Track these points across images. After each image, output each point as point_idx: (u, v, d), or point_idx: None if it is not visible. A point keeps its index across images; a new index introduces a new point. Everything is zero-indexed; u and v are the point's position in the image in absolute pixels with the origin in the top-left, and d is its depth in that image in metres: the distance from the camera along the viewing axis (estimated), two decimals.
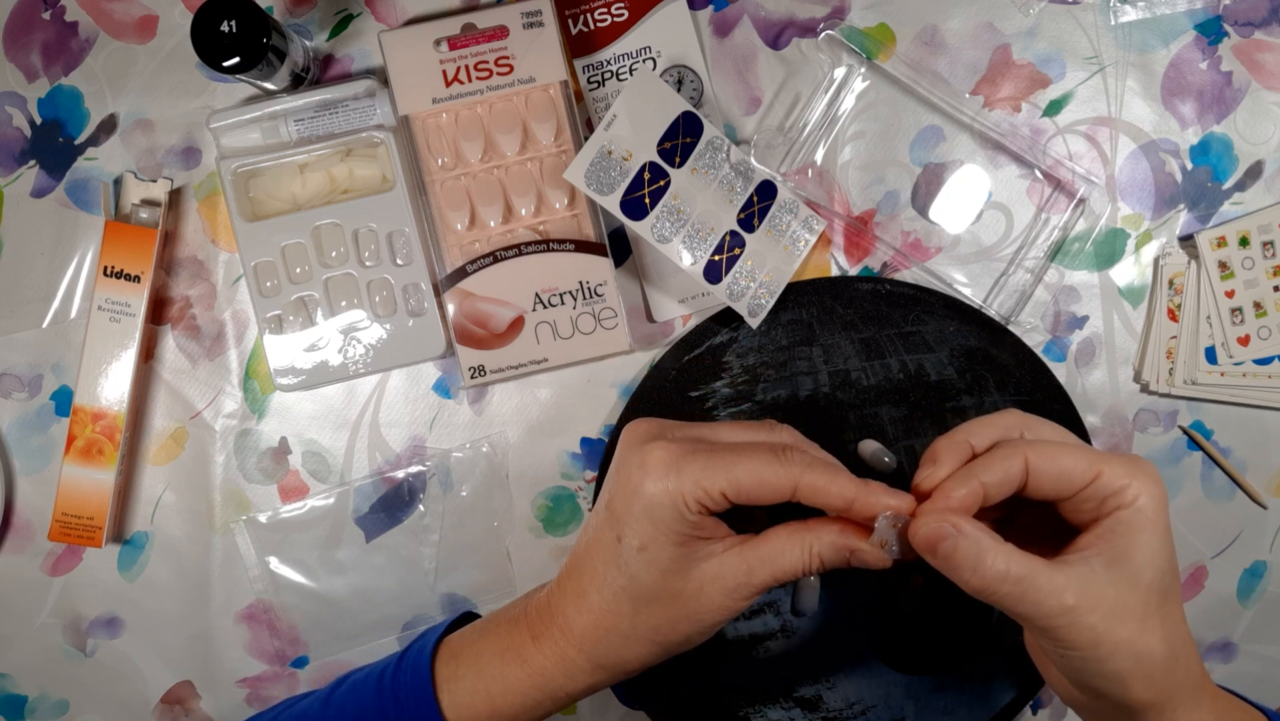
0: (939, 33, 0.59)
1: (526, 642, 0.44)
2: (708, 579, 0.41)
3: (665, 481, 0.40)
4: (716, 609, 0.41)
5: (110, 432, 0.58)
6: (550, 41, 0.57)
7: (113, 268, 0.57)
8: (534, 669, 0.43)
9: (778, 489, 0.40)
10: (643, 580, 0.41)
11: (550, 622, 0.44)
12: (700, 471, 0.40)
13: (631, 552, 0.41)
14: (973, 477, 0.38)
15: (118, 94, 0.59)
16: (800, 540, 0.41)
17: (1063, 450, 0.38)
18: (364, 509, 0.60)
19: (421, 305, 0.58)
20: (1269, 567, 0.60)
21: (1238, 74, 0.59)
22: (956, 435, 0.41)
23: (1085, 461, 0.38)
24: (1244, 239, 0.59)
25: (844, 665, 0.57)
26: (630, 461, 0.41)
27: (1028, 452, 0.38)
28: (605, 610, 0.42)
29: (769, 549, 0.41)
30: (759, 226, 0.57)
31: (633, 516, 0.41)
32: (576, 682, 0.43)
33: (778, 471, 0.40)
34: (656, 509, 0.40)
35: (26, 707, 0.61)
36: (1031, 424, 0.41)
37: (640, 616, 0.42)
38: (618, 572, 0.41)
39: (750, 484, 0.40)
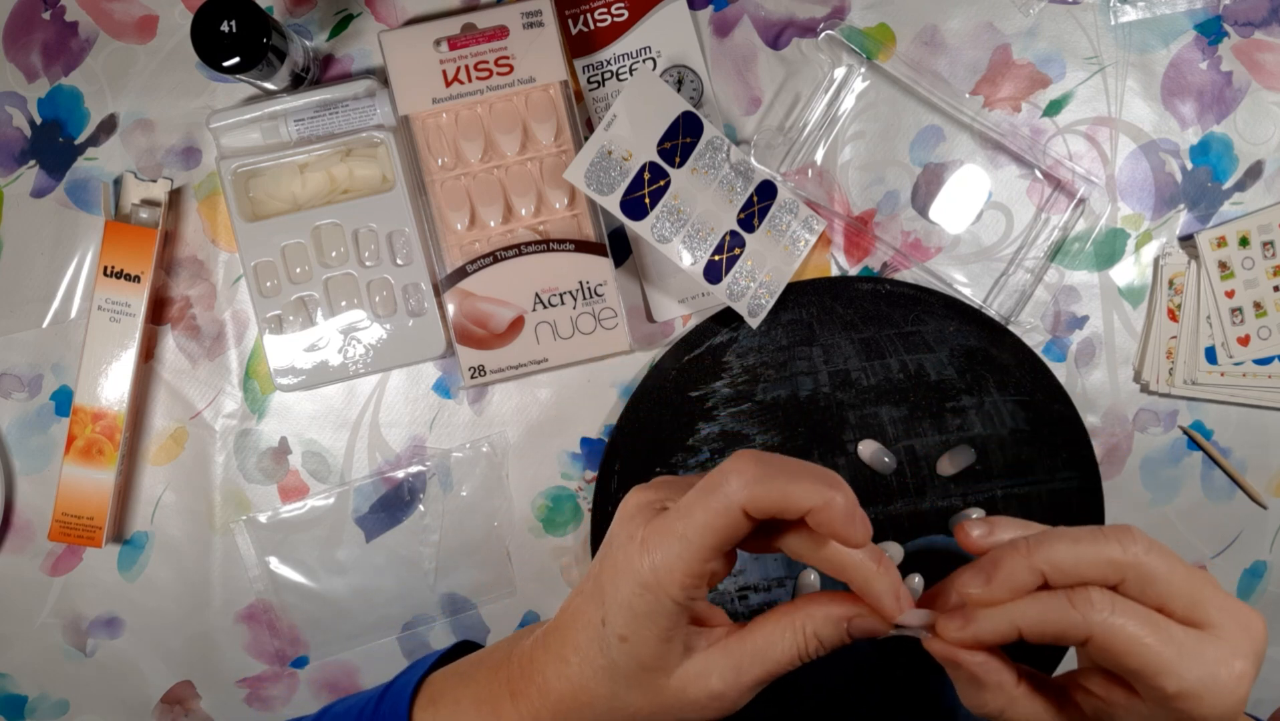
0: (939, 33, 0.59)
1: (504, 698, 0.40)
2: (690, 677, 0.37)
3: (644, 576, 0.35)
4: (700, 711, 0.37)
5: (110, 432, 0.58)
6: (550, 41, 0.57)
7: (113, 268, 0.57)
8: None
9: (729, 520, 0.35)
10: (622, 668, 0.37)
11: (530, 681, 0.40)
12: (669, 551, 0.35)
13: (613, 640, 0.37)
14: (1011, 626, 0.33)
15: (118, 94, 0.59)
16: (790, 623, 0.37)
17: (1143, 644, 0.32)
18: (364, 509, 0.60)
19: (421, 305, 0.58)
20: (1269, 567, 0.60)
21: (1238, 74, 0.59)
22: (1034, 549, 0.33)
23: (1164, 662, 0.32)
24: (1244, 239, 0.59)
25: (844, 665, 0.57)
26: (623, 536, 0.37)
27: (1099, 630, 0.32)
28: (583, 685, 0.38)
29: (757, 640, 0.37)
30: (759, 226, 0.57)
31: (617, 603, 0.36)
32: None
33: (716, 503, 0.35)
34: (643, 601, 0.36)
35: (26, 707, 0.61)
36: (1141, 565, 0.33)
37: (618, 701, 0.38)
38: (598, 653, 0.37)
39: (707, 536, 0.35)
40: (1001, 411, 0.58)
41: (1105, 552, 0.33)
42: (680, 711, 0.38)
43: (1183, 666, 0.32)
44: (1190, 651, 0.32)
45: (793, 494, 0.34)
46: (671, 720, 0.38)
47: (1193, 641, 0.32)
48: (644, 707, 0.38)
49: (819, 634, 0.37)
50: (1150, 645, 0.32)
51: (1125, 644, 0.32)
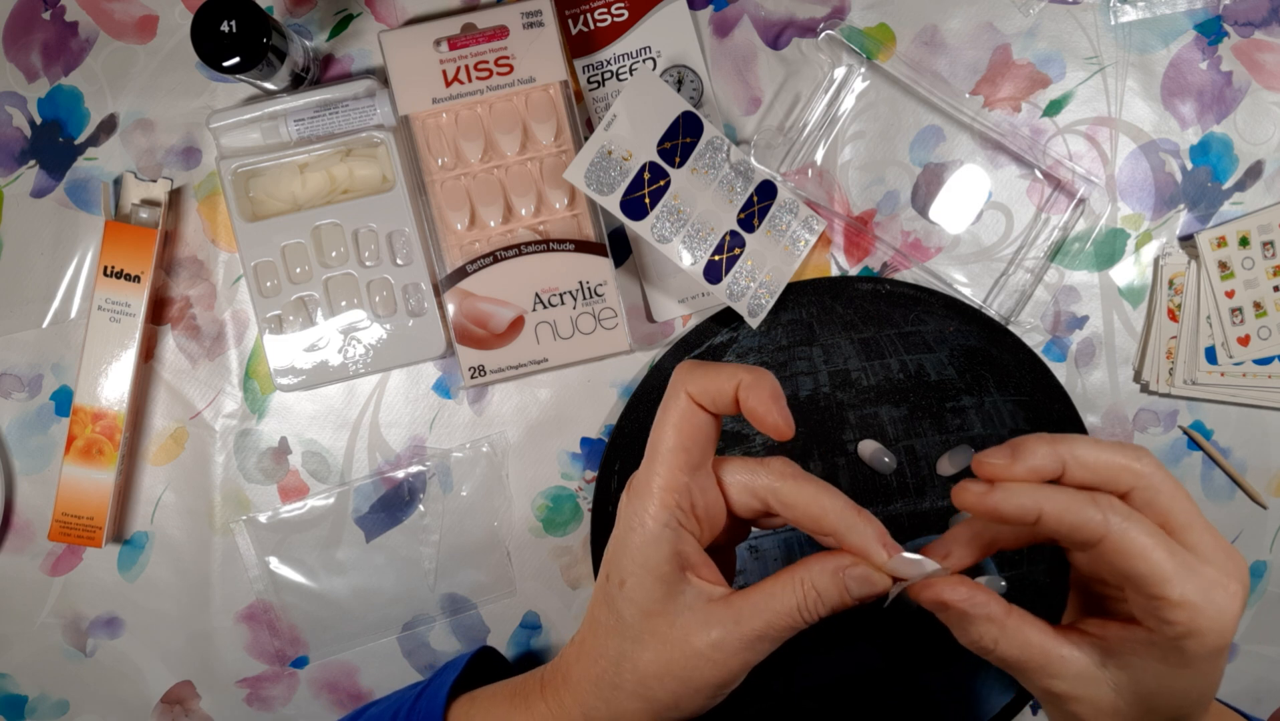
0: (939, 33, 0.59)
1: (534, 691, 0.43)
2: (693, 626, 0.38)
3: (633, 505, 0.38)
4: (703, 663, 0.38)
5: (110, 432, 0.58)
6: (550, 41, 0.57)
7: (113, 268, 0.57)
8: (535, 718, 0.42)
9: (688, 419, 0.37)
10: (627, 618, 0.38)
11: (555, 671, 0.42)
12: (650, 474, 0.38)
13: (615, 589, 0.39)
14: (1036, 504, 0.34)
15: (118, 94, 0.59)
16: (790, 576, 0.38)
17: (1150, 553, 0.33)
18: (364, 509, 0.60)
19: (421, 305, 0.58)
20: (1269, 567, 0.60)
21: (1238, 74, 0.59)
22: (1062, 444, 0.35)
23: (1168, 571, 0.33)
24: (1244, 239, 0.59)
25: (844, 665, 0.57)
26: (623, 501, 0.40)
27: (1113, 533, 0.33)
28: (596, 653, 0.40)
29: (758, 594, 0.38)
30: (759, 226, 0.57)
31: (617, 553, 0.39)
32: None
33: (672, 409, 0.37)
34: (635, 536, 0.38)
35: (26, 707, 0.61)
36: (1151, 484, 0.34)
37: (626, 662, 0.39)
38: (605, 611, 0.39)
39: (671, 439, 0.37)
40: (1001, 411, 0.58)
41: (1125, 459, 0.34)
42: (685, 665, 0.38)
43: (1185, 578, 0.33)
44: (1191, 566, 0.33)
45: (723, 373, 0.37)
46: (674, 685, 0.39)
47: (1192, 559, 0.33)
48: (650, 665, 0.39)
49: (817, 585, 0.37)
50: (1160, 554, 0.33)
51: (1137, 549, 0.33)
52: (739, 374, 0.37)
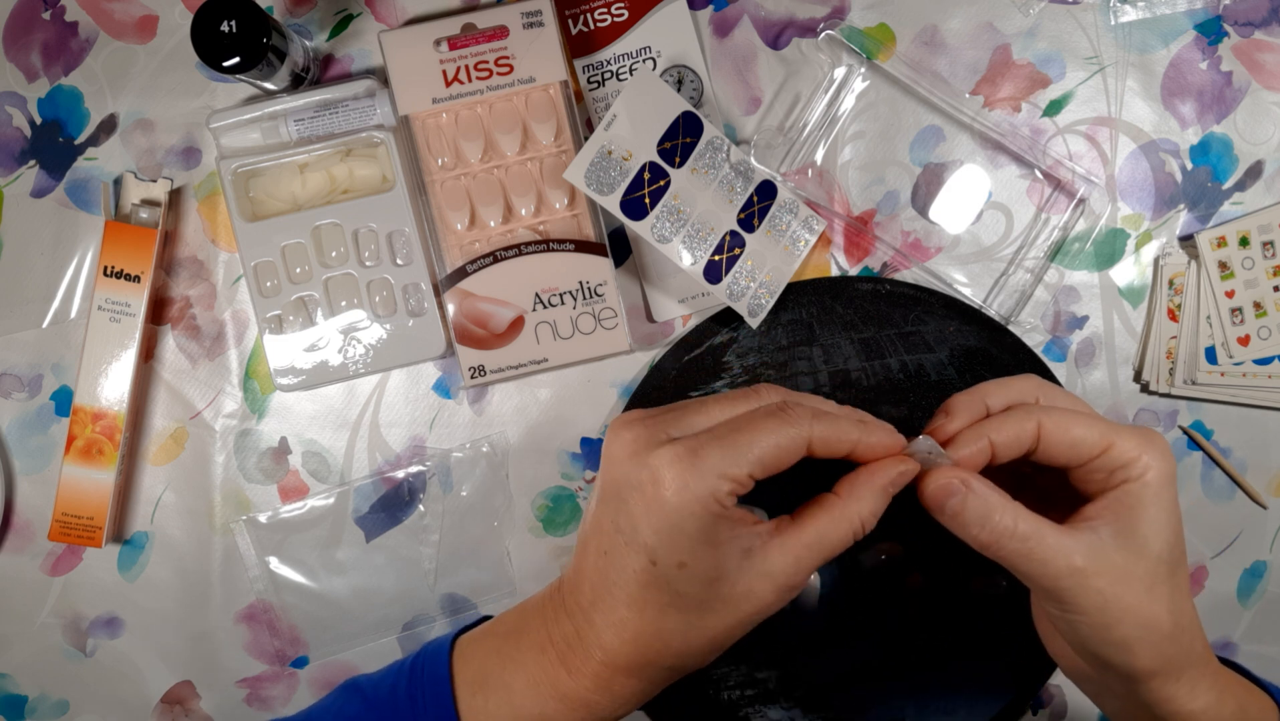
0: (939, 33, 0.59)
1: (563, 678, 0.41)
2: (756, 577, 0.38)
3: (688, 488, 0.37)
4: (768, 606, 0.39)
5: (110, 432, 0.58)
6: (550, 41, 0.57)
7: (113, 268, 0.57)
8: (578, 702, 0.40)
9: (794, 451, 0.39)
10: (690, 595, 0.38)
11: (587, 656, 0.40)
12: (720, 462, 0.37)
13: (672, 571, 0.38)
14: (983, 436, 0.39)
15: (118, 94, 0.59)
16: (841, 509, 0.39)
17: (1076, 418, 0.39)
18: (364, 509, 0.60)
19: (421, 305, 0.58)
20: (1269, 567, 0.60)
21: (1238, 74, 0.59)
22: (974, 392, 0.41)
23: (1098, 432, 0.38)
24: (1244, 239, 0.59)
25: (844, 665, 0.57)
26: (637, 478, 0.38)
27: (1041, 418, 0.39)
28: (653, 633, 0.39)
29: (812, 533, 0.39)
30: (759, 226, 0.57)
31: (663, 535, 0.37)
32: (626, 705, 0.41)
33: (790, 434, 0.38)
34: (686, 520, 0.37)
35: (26, 707, 0.61)
36: (1048, 390, 0.41)
37: (693, 631, 0.39)
38: (659, 594, 0.38)
39: (772, 456, 0.38)
40: None
41: (1020, 383, 0.41)
42: (753, 614, 0.39)
43: (1120, 432, 0.38)
44: (1119, 428, 0.39)
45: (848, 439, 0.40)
46: (746, 626, 0.40)
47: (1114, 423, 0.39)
48: (718, 625, 0.39)
49: (860, 514, 0.39)
50: (1087, 419, 0.39)
51: (1069, 423, 0.38)
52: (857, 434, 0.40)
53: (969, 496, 0.38)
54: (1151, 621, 0.38)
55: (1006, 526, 0.37)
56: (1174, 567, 0.39)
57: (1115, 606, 0.38)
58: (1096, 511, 0.39)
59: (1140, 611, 0.38)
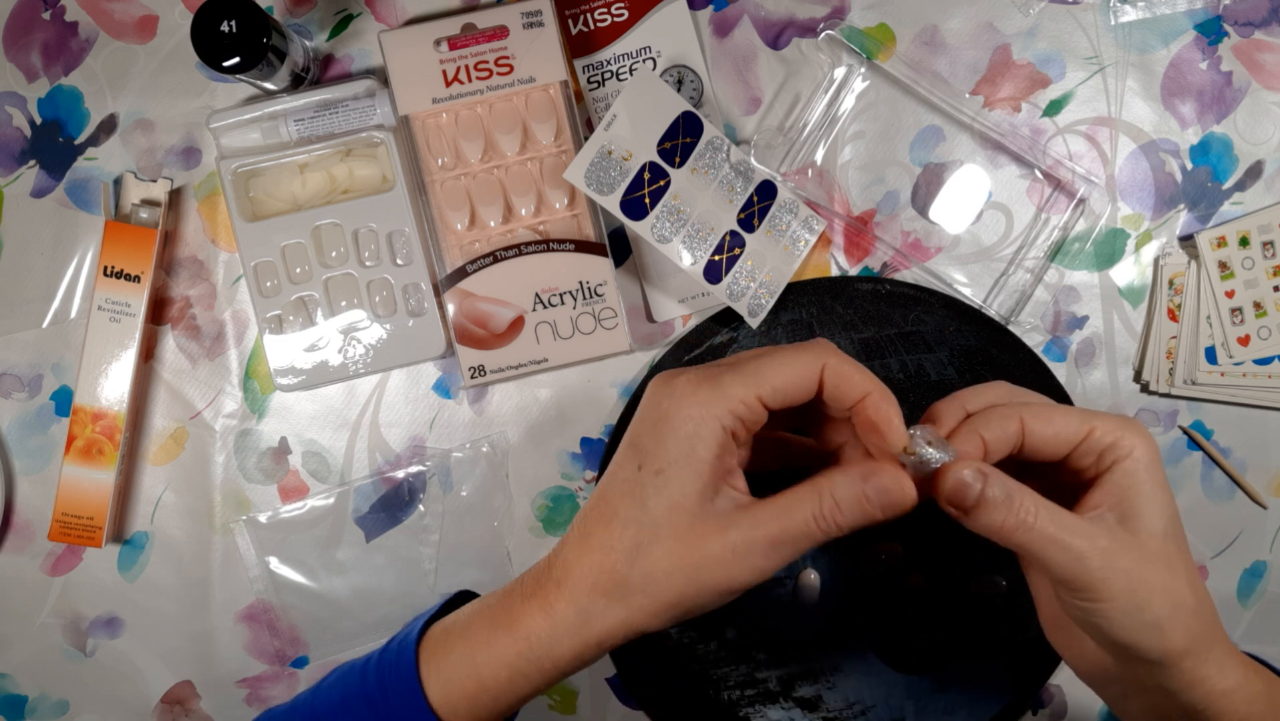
0: (939, 33, 0.59)
1: (516, 603, 0.41)
2: (712, 528, 0.39)
3: (697, 398, 0.38)
4: (715, 564, 0.39)
5: (110, 432, 0.58)
6: (550, 41, 0.57)
7: (113, 268, 0.57)
8: (520, 631, 0.41)
9: (806, 377, 0.39)
10: (652, 508, 0.39)
11: (546, 578, 0.41)
12: (731, 381, 0.38)
13: (649, 477, 0.39)
14: (974, 433, 0.39)
15: (118, 94, 0.59)
16: (812, 485, 0.39)
17: (1055, 410, 0.39)
18: (364, 509, 0.60)
19: (421, 305, 0.58)
20: (1269, 567, 0.60)
21: (1238, 74, 0.59)
22: (952, 399, 0.41)
23: (1077, 419, 0.39)
24: (1244, 239, 0.59)
25: (844, 665, 0.57)
26: (658, 394, 0.40)
27: (1022, 413, 0.39)
28: (606, 547, 0.39)
29: (781, 501, 0.39)
30: (759, 226, 0.57)
31: (658, 442, 0.39)
32: (561, 645, 0.40)
33: (804, 359, 0.39)
34: (686, 426, 0.38)
35: (26, 707, 0.61)
36: (1020, 392, 0.42)
37: (639, 556, 0.39)
38: (628, 501, 0.39)
39: (781, 378, 0.38)
40: None
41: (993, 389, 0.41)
42: (697, 564, 0.39)
43: (1098, 419, 0.39)
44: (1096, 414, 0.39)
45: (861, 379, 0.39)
46: (683, 583, 0.39)
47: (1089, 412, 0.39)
48: (663, 561, 0.39)
49: (836, 492, 0.39)
50: (1067, 410, 0.39)
51: (1048, 414, 0.39)
52: (873, 386, 0.39)
53: (989, 485, 0.37)
54: (1179, 598, 0.38)
55: (1030, 511, 0.37)
56: (1181, 544, 0.39)
57: (1144, 586, 0.37)
58: (1097, 499, 0.39)
59: (1168, 589, 0.38)
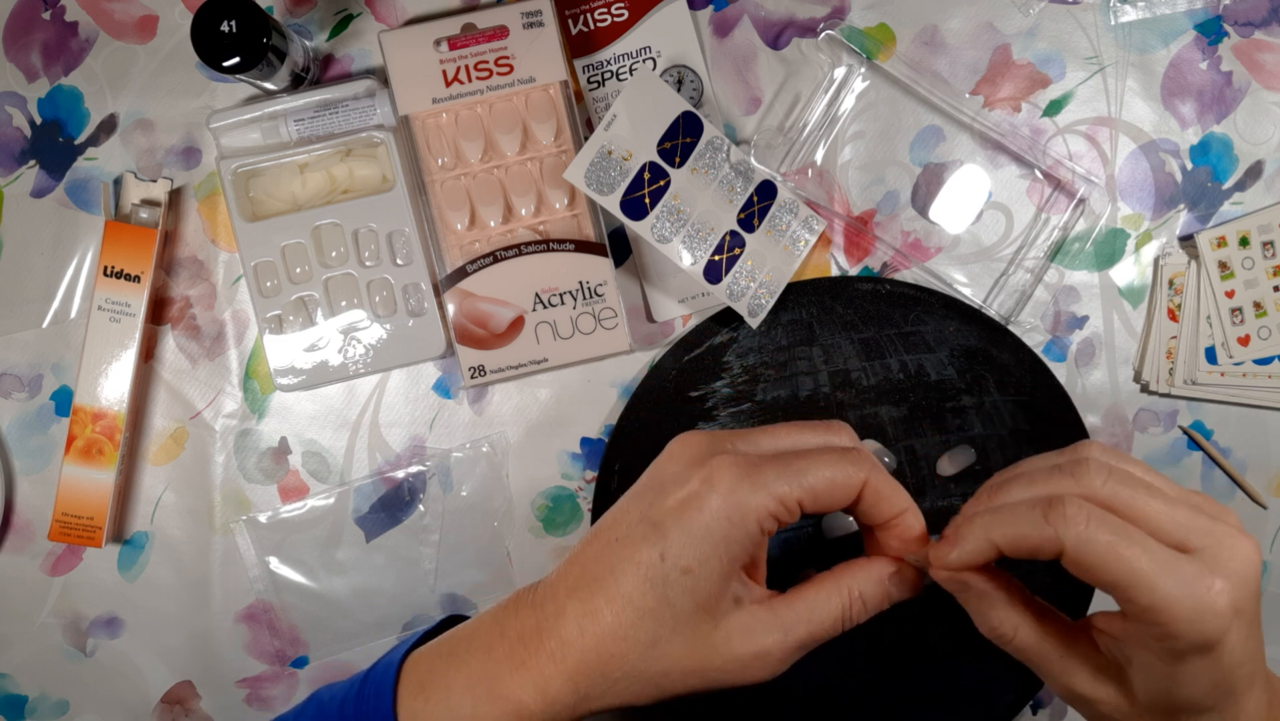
0: (939, 33, 0.59)
1: (504, 673, 0.39)
2: (736, 630, 0.37)
3: (736, 495, 0.36)
4: (739, 669, 0.37)
5: (110, 432, 0.58)
6: (550, 41, 0.57)
7: (113, 268, 0.57)
8: (510, 705, 0.38)
9: (848, 489, 0.38)
10: (677, 607, 0.37)
11: (539, 648, 0.39)
12: (774, 480, 0.36)
13: (675, 573, 0.36)
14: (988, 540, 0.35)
15: (118, 94, 0.59)
16: (836, 585, 0.38)
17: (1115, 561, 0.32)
18: (364, 509, 0.60)
19: (421, 305, 0.58)
20: (1269, 567, 0.60)
21: (1238, 74, 0.59)
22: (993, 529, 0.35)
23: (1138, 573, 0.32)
24: (1244, 239, 0.59)
25: (844, 665, 0.57)
26: (690, 474, 0.37)
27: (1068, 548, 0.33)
28: (619, 635, 0.37)
29: (804, 603, 0.38)
30: (759, 226, 0.57)
31: (687, 534, 0.36)
32: (556, 719, 0.39)
33: (848, 471, 0.37)
34: (721, 525, 0.36)
35: (26, 707, 0.61)
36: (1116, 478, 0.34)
37: (655, 651, 0.37)
38: (648, 594, 0.37)
39: (824, 487, 0.37)
40: (1001, 411, 0.58)
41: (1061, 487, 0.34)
42: (718, 668, 0.38)
43: (1156, 580, 0.31)
44: (1165, 566, 0.32)
45: (898, 499, 0.39)
46: (698, 682, 0.38)
47: (1170, 557, 0.32)
48: (681, 660, 0.37)
49: (863, 592, 0.38)
50: (1123, 557, 0.32)
51: (1097, 558, 0.32)
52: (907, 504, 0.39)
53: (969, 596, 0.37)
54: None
55: (1005, 633, 0.37)
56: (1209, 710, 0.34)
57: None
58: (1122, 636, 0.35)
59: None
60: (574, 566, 0.40)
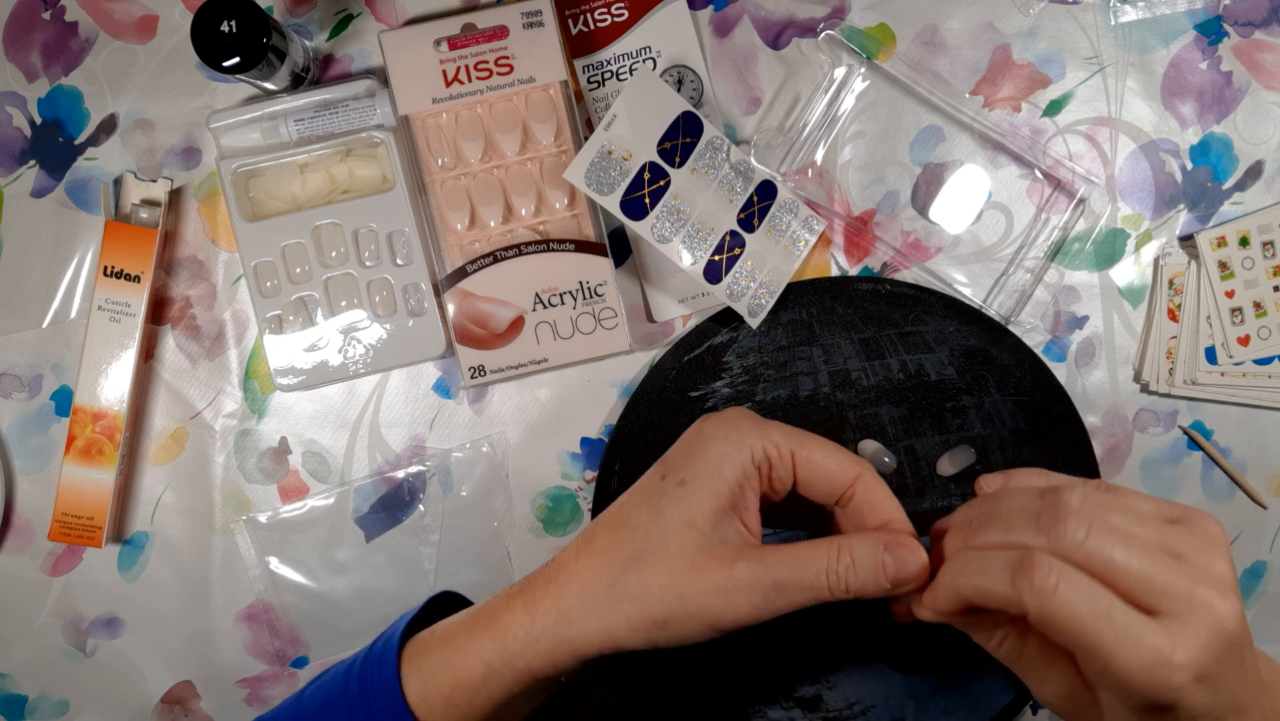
0: (939, 33, 0.59)
1: (502, 600, 0.41)
2: (717, 557, 0.38)
3: (739, 426, 0.40)
4: (712, 593, 0.38)
5: (110, 432, 0.58)
6: (550, 41, 0.57)
7: (113, 268, 0.57)
8: (499, 626, 0.40)
9: (842, 472, 0.40)
10: (665, 518, 0.39)
11: (537, 576, 0.41)
12: (776, 428, 0.40)
13: (671, 487, 0.39)
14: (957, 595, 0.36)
15: (118, 94, 0.59)
16: (828, 540, 0.39)
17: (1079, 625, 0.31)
18: (364, 509, 0.60)
19: (421, 305, 0.58)
20: (1269, 567, 0.60)
21: (1238, 74, 0.59)
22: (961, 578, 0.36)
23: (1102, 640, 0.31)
24: (1244, 239, 0.59)
25: (844, 665, 0.57)
26: (703, 422, 0.41)
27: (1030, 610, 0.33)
28: (606, 549, 0.39)
29: (796, 550, 0.39)
30: (759, 226, 0.57)
31: (688, 458, 0.40)
32: (539, 644, 0.39)
33: (848, 458, 0.40)
34: (717, 446, 0.39)
35: (26, 707, 0.61)
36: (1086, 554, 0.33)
37: (639, 563, 0.38)
38: (642, 509, 0.40)
39: (820, 458, 0.39)
40: (1001, 411, 0.58)
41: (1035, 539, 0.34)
42: (694, 588, 0.38)
43: (1116, 650, 0.31)
44: (1129, 635, 0.31)
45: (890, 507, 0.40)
46: (676, 599, 0.38)
47: (1136, 626, 0.31)
48: (662, 572, 0.38)
49: (854, 552, 0.38)
50: (1086, 627, 0.31)
51: (1061, 625, 0.32)
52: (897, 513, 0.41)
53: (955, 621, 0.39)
54: None
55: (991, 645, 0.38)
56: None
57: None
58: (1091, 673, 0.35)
59: None
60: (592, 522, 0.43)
